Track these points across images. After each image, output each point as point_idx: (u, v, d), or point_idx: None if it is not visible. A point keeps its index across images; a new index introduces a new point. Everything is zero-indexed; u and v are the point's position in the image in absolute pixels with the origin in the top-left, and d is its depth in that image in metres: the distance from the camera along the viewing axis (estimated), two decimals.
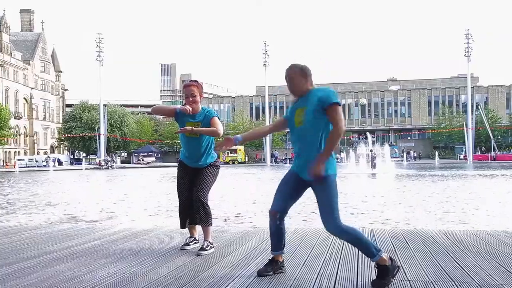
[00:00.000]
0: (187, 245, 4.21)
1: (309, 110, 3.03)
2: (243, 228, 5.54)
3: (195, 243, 4.27)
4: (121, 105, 74.44)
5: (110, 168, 48.12)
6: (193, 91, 4.06)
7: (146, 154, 66.05)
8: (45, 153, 71.10)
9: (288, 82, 3.17)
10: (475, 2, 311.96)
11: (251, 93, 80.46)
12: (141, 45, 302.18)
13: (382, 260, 2.97)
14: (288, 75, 3.16)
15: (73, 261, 3.79)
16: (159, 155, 68.93)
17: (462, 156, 54.15)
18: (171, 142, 66.84)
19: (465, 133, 52.04)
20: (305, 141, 3.08)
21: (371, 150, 28.45)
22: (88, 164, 58.35)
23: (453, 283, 2.97)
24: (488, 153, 53.28)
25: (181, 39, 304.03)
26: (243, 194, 13.40)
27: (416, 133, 70.65)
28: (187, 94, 4.08)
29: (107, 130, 59.45)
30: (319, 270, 3.38)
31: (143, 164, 60.50)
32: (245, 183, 19.76)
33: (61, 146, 78.18)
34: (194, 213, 4.13)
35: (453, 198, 11.28)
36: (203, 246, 4.02)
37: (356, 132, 69.90)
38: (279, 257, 3.30)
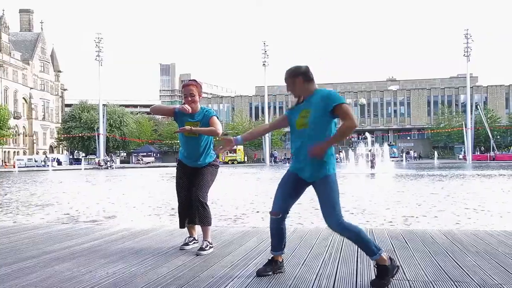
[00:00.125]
0: (186, 245, 4.22)
1: (314, 112, 3.03)
2: (243, 228, 5.54)
3: (194, 243, 4.28)
4: (121, 105, 74.50)
5: (109, 168, 48.12)
6: (192, 90, 4.06)
7: (145, 154, 66.12)
8: (44, 153, 71.09)
9: (291, 86, 3.14)
10: (474, 2, 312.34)
11: (250, 93, 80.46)
12: (140, 45, 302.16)
13: (381, 260, 2.97)
14: (290, 80, 3.12)
15: (72, 261, 3.79)
16: (158, 155, 68.97)
17: (461, 156, 54.17)
18: (170, 142, 66.87)
19: (464, 133, 52.08)
20: (306, 142, 3.07)
21: (370, 150, 28.44)
22: (88, 164, 58.37)
23: (453, 283, 2.97)
24: (487, 153, 53.31)
25: (181, 39, 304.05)
26: (242, 194, 13.39)
27: (415, 133, 70.69)
28: (186, 94, 4.08)
29: (106, 130, 59.44)
30: (318, 270, 3.38)
31: (142, 164, 60.53)
32: (245, 183, 19.75)
33: (60, 146, 78.16)
34: (193, 213, 4.13)
35: (452, 198, 11.29)
36: (202, 246, 4.02)
37: (356, 132, 69.87)
38: (278, 257, 3.31)
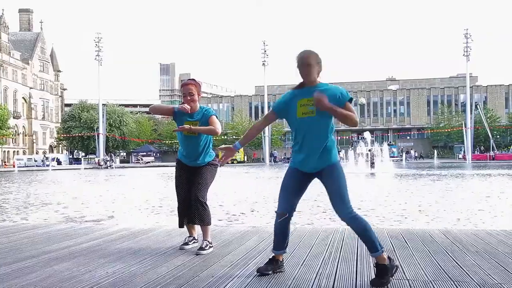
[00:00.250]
0: (186, 245, 4.21)
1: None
2: (242, 228, 5.53)
3: (194, 242, 4.27)
4: (120, 105, 74.52)
5: (109, 167, 48.15)
6: (191, 89, 4.05)
7: (145, 153, 66.16)
8: (44, 152, 71.08)
9: (305, 67, 2.98)
10: (474, 2, 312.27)
11: (250, 93, 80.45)
12: (140, 44, 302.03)
13: (381, 259, 2.97)
14: (307, 61, 2.98)
15: (71, 260, 3.79)
16: (158, 154, 69.00)
17: (461, 156, 54.19)
18: (170, 141, 66.85)
19: (464, 133, 52.10)
20: (312, 131, 3.01)
21: (369, 150, 28.42)
22: (87, 163, 58.39)
23: (452, 283, 2.96)
24: (487, 152, 53.35)
25: (180, 38, 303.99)
26: (242, 194, 13.39)
27: (415, 132, 70.69)
28: (185, 93, 4.06)
29: (106, 129, 59.46)
30: (318, 270, 3.37)
31: (142, 163, 60.54)
32: (245, 182, 19.75)
33: (60, 145, 78.15)
34: (192, 213, 4.11)
35: (452, 197, 11.29)
36: (202, 246, 4.02)
37: (355, 131, 69.90)
38: (279, 256, 3.30)
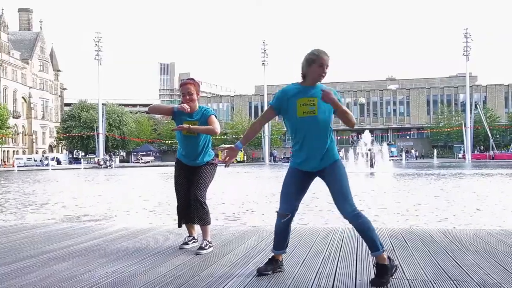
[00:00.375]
0: (186, 244, 4.21)
1: (322, 101, 3.00)
2: (242, 227, 5.54)
3: (194, 242, 4.27)
4: (120, 104, 74.56)
5: (108, 167, 48.15)
6: (189, 89, 4.04)
7: (144, 153, 66.19)
8: (44, 152, 71.08)
9: (323, 68, 3.00)
10: (473, 2, 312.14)
11: (250, 92, 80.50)
12: (140, 44, 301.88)
13: (381, 259, 2.97)
14: (327, 63, 3.00)
15: (71, 260, 3.79)
16: (158, 154, 69.03)
17: (461, 155, 54.20)
18: (169, 141, 66.86)
19: (464, 132, 52.12)
20: (313, 131, 3.02)
21: (369, 150, 28.41)
22: (87, 163, 58.41)
23: (452, 282, 2.97)
24: (487, 152, 53.37)
25: (180, 38, 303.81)
26: (242, 193, 13.39)
27: (414, 132, 70.74)
28: (184, 92, 4.06)
29: (106, 129, 59.45)
30: (318, 269, 3.37)
31: (141, 163, 60.56)
32: (244, 182, 19.74)
33: (60, 145, 78.14)
34: (192, 212, 4.12)
35: (451, 197, 11.28)
36: (202, 245, 4.02)
37: (355, 131, 69.92)
38: (279, 256, 3.30)
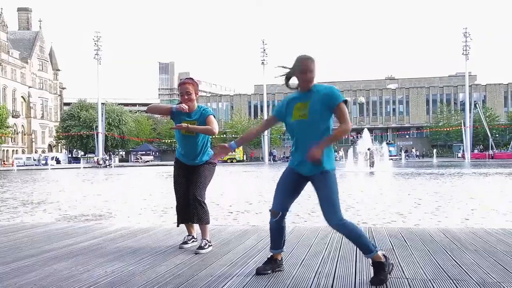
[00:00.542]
0: (185, 244, 4.21)
1: (314, 104, 3.01)
2: (241, 227, 5.54)
3: (193, 241, 4.27)
4: (119, 104, 74.57)
5: (108, 166, 48.14)
6: (188, 89, 4.03)
7: (144, 152, 66.19)
8: (43, 151, 71.04)
9: (308, 73, 3.04)
10: (473, 2, 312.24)
11: (249, 92, 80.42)
12: (139, 43, 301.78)
13: (377, 257, 2.99)
14: (310, 68, 3.04)
15: (71, 259, 3.79)
16: (157, 153, 69.04)
17: (460, 155, 54.26)
18: (169, 140, 66.85)
19: (463, 132, 52.15)
20: (305, 134, 3.05)
21: (368, 149, 28.40)
22: (86, 162, 58.40)
23: (451, 281, 2.97)
24: (486, 151, 53.39)
25: (180, 37, 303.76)
26: (241, 193, 13.39)
27: (414, 131, 70.73)
28: (182, 92, 4.05)
29: (105, 128, 59.42)
30: (317, 269, 3.37)
31: (141, 162, 60.53)
32: (244, 181, 19.74)
33: (59, 144, 78.10)
34: (191, 212, 4.11)
35: (451, 196, 11.29)
36: (201, 245, 4.02)
37: (354, 130, 69.94)
38: (278, 255, 3.30)
